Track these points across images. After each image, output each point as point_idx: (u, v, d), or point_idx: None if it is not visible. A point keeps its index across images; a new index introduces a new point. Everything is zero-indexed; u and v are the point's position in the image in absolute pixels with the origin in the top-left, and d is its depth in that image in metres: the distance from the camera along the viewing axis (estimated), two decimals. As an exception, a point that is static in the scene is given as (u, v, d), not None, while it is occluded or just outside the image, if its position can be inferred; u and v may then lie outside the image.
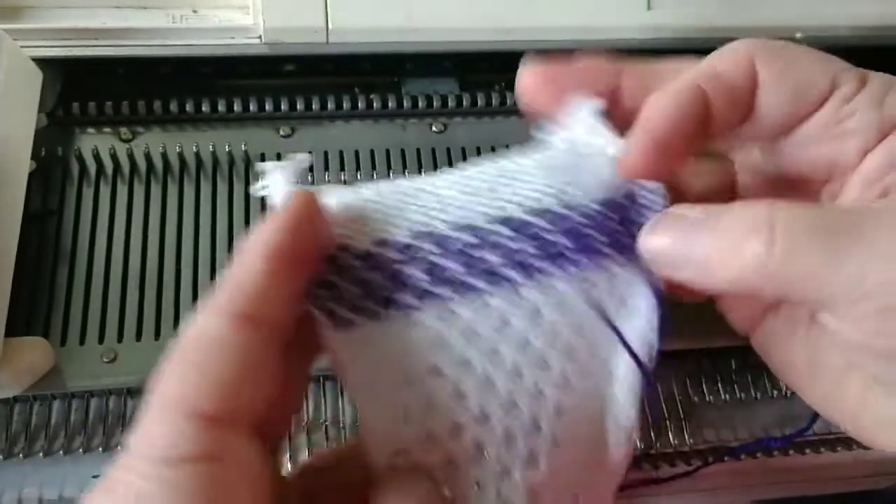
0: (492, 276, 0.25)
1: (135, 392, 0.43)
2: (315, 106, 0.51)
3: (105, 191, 0.46)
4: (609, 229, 0.27)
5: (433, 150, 0.50)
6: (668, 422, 0.45)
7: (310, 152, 0.49)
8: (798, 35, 0.52)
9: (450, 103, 0.52)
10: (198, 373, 0.22)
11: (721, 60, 0.29)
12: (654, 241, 0.27)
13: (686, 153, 0.28)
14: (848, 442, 0.46)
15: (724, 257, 0.25)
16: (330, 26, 0.49)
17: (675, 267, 0.27)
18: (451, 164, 0.50)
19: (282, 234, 0.24)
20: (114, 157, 0.47)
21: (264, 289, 0.23)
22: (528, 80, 0.30)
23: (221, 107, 0.50)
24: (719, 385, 0.47)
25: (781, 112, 0.28)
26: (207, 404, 0.22)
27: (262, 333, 0.23)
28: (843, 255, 0.24)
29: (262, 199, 0.47)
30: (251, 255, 0.24)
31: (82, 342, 0.42)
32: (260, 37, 0.49)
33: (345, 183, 0.48)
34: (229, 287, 0.24)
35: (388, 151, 0.50)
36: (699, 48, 0.53)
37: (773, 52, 0.28)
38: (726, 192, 0.33)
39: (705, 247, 0.25)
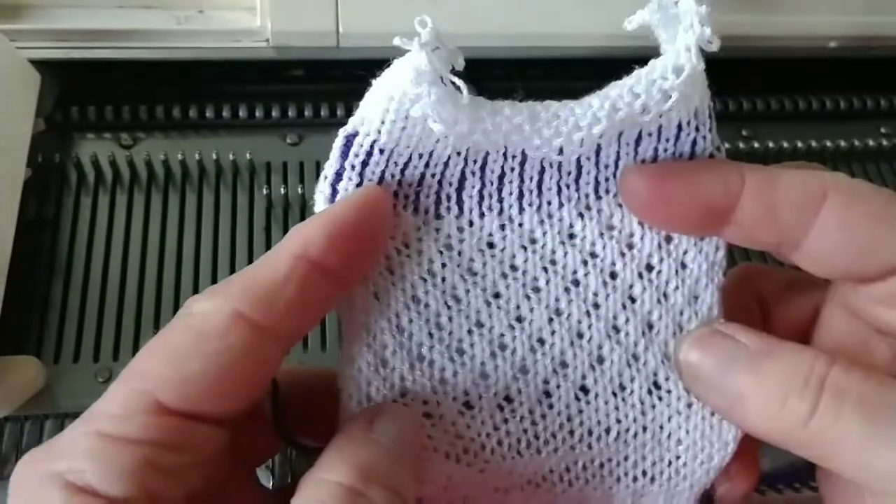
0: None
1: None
2: (324, 113, 0.49)
3: (104, 200, 0.45)
4: None
5: (447, 161, 0.48)
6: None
7: (317, 162, 0.47)
8: (831, 44, 0.50)
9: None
10: (170, 359, 0.21)
11: (792, 179, 0.24)
12: (694, 356, 0.25)
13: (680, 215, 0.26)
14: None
15: (760, 404, 0.23)
16: (341, 30, 0.47)
17: (709, 390, 0.25)
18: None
19: (323, 240, 0.22)
20: (113, 163, 0.45)
21: (281, 294, 0.21)
22: (635, 196, 0.26)
23: (226, 113, 0.48)
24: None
25: (835, 262, 0.25)
26: (166, 394, 0.20)
27: (261, 339, 0.21)
28: (886, 443, 0.21)
29: (268, 212, 0.45)
30: (282, 252, 0.22)
31: (76, 360, 0.40)
32: (267, 40, 0.47)
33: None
34: (245, 280, 0.21)
35: (399, 161, 0.47)
36: (726, 58, 0.51)
37: (850, 199, 0.24)
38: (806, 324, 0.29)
39: (744, 385, 0.23)
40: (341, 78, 0.50)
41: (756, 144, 0.51)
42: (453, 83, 0.23)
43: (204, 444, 0.21)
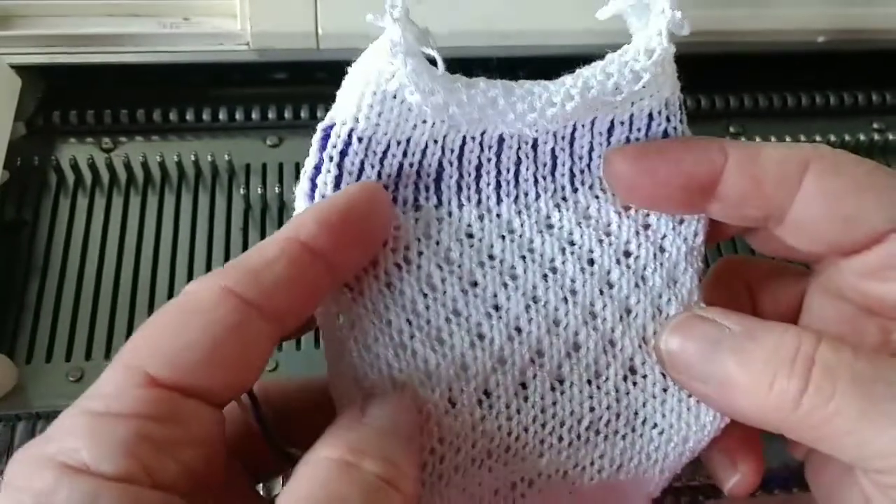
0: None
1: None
2: (304, 115, 0.49)
3: (82, 202, 0.45)
4: None
5: (427, 161, 0.47)
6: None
7: (297, 164, 0.47)
8: (820, 39, 0.49)
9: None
10: (161, 334, 0.21)
11: (774, 151, 0.25)
12: (675, 343, 0.24)
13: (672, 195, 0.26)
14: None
15: (748, 387, 0.22)
16: (320, 31, 0.47)
17: (693, 378, 0.24)
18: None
19: (314, 223, 0.22)
20: (92, 166, 0.45)
21: (270, 271, 0.21)
22: (619, 175, 0.26)
23: (206, 116, 0.48)
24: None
25: (820, 233, 0.25)
26: (156, 367, 0.20)
27: (250, 314, 0.21)
28: (883, 419, 0.21)
29: (246, 214, 0.45)
30: (275, 237, 0.22)
31: (49, 360, 0.40)
32: (248, 43, 0.47)
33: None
34: (237, 261, 0.22)
35: (379, 162, 0.47)
36: (713, 53, 0.50)
37: (832, 167, 0.24)
38: (793, 311, 0.28)
39: (731, 368, 0.23)
40: (321, 80, 0.50)
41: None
42: (427, 60, 0.23)
43: (196, 421, 0.21)
